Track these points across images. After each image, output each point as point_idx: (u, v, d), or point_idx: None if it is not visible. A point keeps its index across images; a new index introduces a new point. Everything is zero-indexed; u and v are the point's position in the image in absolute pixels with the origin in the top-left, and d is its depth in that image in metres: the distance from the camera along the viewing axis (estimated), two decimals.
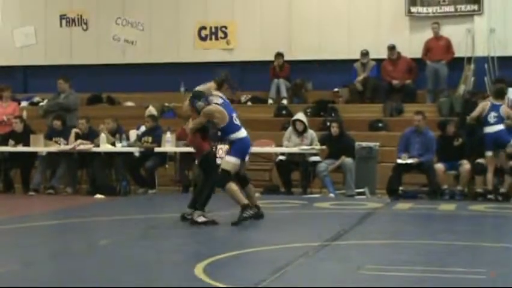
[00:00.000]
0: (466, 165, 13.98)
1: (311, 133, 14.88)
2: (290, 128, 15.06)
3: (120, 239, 9.32)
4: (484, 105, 14.17)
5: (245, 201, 10.33)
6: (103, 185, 14.94)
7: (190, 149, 14.75)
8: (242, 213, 10.23)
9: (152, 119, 15.86)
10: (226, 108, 10.35)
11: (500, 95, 14.20)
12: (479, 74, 17.41)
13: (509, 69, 16.92)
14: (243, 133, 10.44)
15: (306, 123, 14.88)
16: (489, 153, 13.85)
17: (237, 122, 10.44)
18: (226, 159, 10.41)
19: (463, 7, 18.06)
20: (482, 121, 14.02)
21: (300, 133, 14.81)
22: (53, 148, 15.23)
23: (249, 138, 10.62)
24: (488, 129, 13.88)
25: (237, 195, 10.35)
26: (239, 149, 10.43)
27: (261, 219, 10.56)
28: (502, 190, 13.75)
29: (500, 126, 13.80)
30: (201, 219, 10.18)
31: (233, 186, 10.38)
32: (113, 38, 20.15)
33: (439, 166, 14.09)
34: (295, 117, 15.17)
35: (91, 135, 15.32)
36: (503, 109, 13.90)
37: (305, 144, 14.62)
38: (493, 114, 13.84)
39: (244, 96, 19.01)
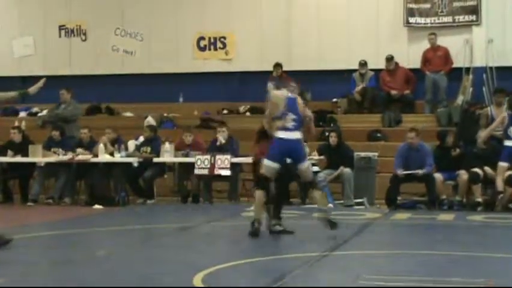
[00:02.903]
0: (463, 175, 13.97)
1: None
2: None
3: (119, 249, 9.32)
4: (503, 117, 13.95)
5: (258, 215, 10.21)
6: (102, 196, 14.93)
7: (190, 159, 14.92)
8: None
9: (151, 130, 15.89)
10: None
11: None
12: (477, 84, 17.44)
13: (508, 80, 16.93)
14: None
15: None
16: (504, 164, 13.70)
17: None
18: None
19: (461, 18, 18.09)
20: (503, 133, 13.91)
21: None
22: (52, 158, 15.22)
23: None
24: (508, 143, 13.77)
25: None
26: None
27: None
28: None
29: None
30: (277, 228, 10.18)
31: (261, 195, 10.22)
32: (112, 48, 20.18)
33: (438, 176, 14.09)
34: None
35: (91, 146, 15.34)
36: None
37: None
38: None
39: (243, 107, 19.04)
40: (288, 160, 10.24)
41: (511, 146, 13.71)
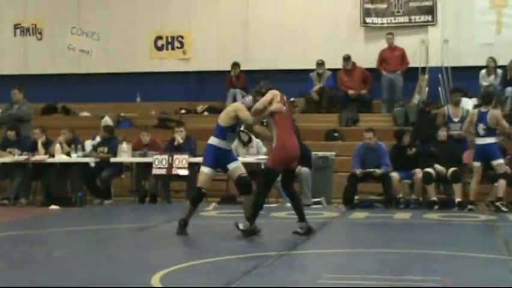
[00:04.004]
0: (419, 174, 14.08)
1: (257, 141, 14.85)
2: (236, 141, 15.02)
3: (77, 250, 9.25)
4: (472, 115, 13.83)
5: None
6: (58, 196, 14.81)
7: (147, 159, 14.85)
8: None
9: (107, 130, 15.78)
10: None
11: (488, 99, 13.86)
12: (433, 84, 17.61)
13: (463, 80, 17.13)
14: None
15: (251, 134, 14.88)
16: (476, 164, 13.58)
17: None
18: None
19: (417, 18, 18.28)
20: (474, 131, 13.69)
21: (246, 143, 14.84)
22: (7, 159, 15.06)
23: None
24: (478, 141, 13.57)
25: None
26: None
27: None
28: (457, 199, 13.83)
29: (491, 140, 13.46)
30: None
31: None
32: (68, 47, 20.03)
33: (394, 175, 14.19)
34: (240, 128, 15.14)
35: (47, 146, 15.20)
36: (489, 115, 13.48)
37: (251, 153, 14.66)
38: (481, 126, 13.45)
39: (201, 107, 19.02)
40: None
41: (482, 143, 13.56)
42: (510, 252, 8.85)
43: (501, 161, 13.54)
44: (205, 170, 10.14)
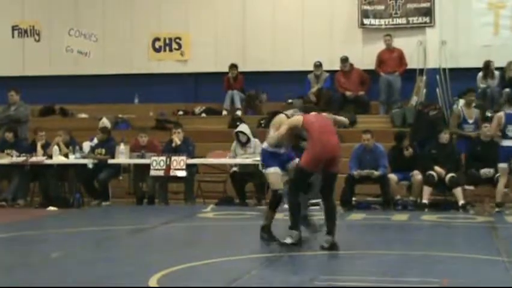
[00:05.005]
0: (417, 175, 14.08)
1: (254, 141, 14.84)
2: (235, 142, 15.04)
3: (74, 251, 9.25)
4: (499, 117, 13.70)
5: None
6: (56, 197, 14.81)
7: (145, 161, 14.86)
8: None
9: (104, 131, 15.76)
10: None
11: None
12: (431, 85, 17.60)
13: (460, 81, 17.11)
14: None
15: (249, 135, 14.88)
16: (503, 165, 13.55)
17: None
18: None
19: (414, 19, 18.27)
20: (501, 133, 13.62)
21: (244, 144, 14.86)
22: (5, 160, 15.06)
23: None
24: (507, 143, 13.49)
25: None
26: None
27: None
28: (462, 202, 13.76)
29: None
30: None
31: None
32: (66, 49, 19.99)
33: (392, 177, 14.19)
34: (238, 129, 15.17)
35: (45, 148, 15.21)
36: None
37: (249, 153, 14.67)
38: (510, 127, 13.45)
39: (199, 108, 19.00)
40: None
41: (511, 145, 13.48)
42: (507, 253, 8.85)
43: None
44: (270, 170, 9.79)
